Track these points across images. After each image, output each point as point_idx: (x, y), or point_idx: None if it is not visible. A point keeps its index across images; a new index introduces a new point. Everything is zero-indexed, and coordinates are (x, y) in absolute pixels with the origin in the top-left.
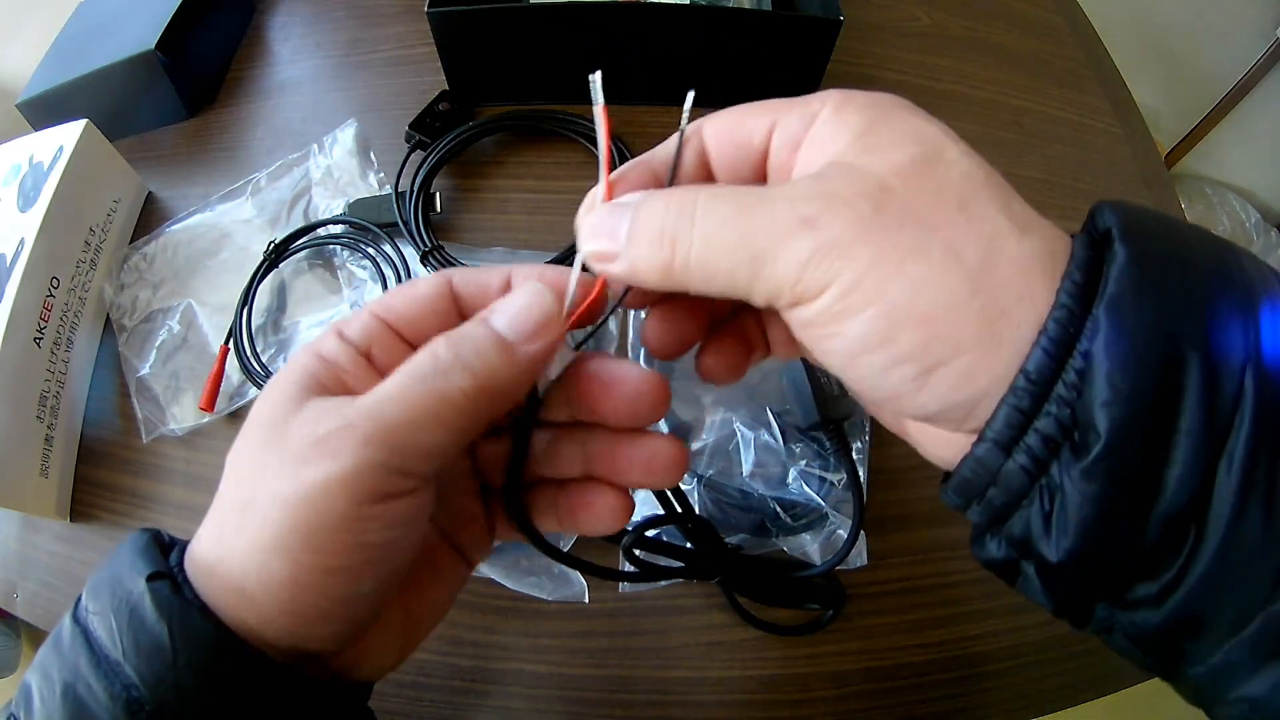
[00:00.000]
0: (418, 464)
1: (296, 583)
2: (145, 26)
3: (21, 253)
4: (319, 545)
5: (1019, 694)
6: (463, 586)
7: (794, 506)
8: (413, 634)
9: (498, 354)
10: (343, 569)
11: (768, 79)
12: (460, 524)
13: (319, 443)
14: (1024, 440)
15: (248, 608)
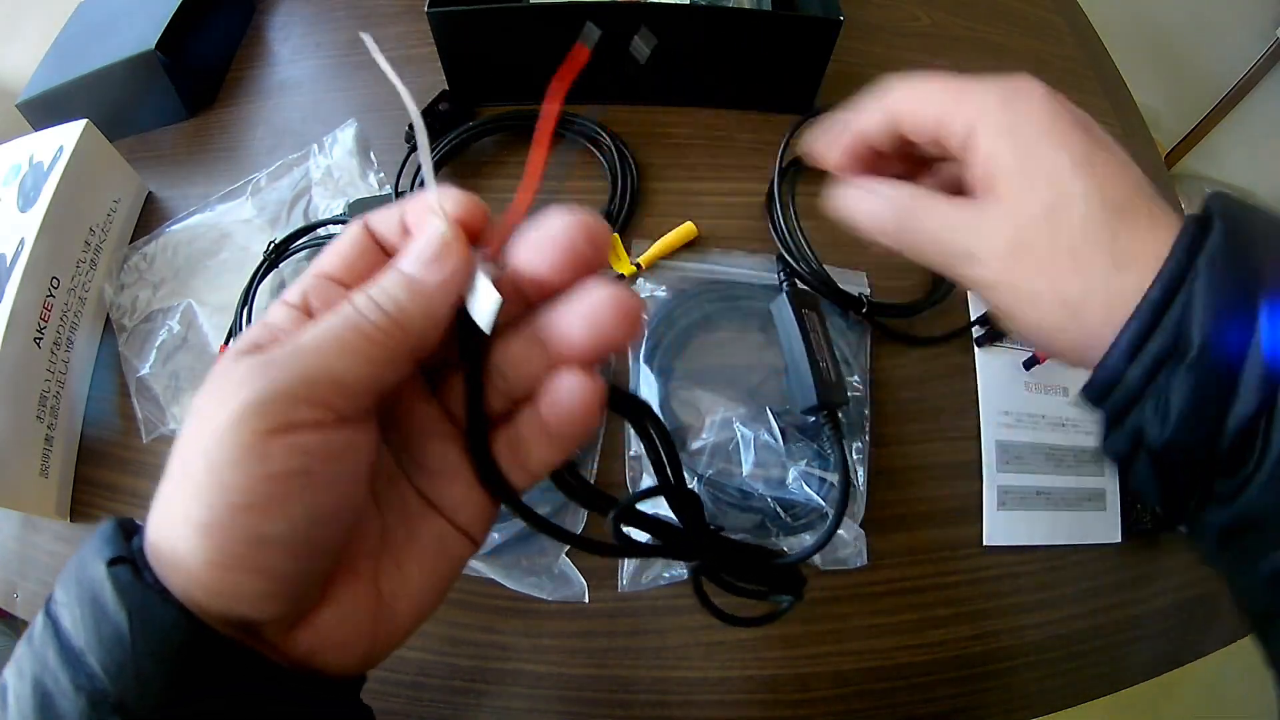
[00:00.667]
0: (330, 394)
1: (210, 526)
2: (145, 26)
3: (21, 253)
4: (226, 481)
5: (1019, 694)
6: (456, 569)
7: (794, 506)
8: (390, 622)
9: (402, 288)
10: (249, 505)
11: (768, 79)
12: (442, 482)
13: (240, 380)
14: (1142, 351)
15: (186, 578)
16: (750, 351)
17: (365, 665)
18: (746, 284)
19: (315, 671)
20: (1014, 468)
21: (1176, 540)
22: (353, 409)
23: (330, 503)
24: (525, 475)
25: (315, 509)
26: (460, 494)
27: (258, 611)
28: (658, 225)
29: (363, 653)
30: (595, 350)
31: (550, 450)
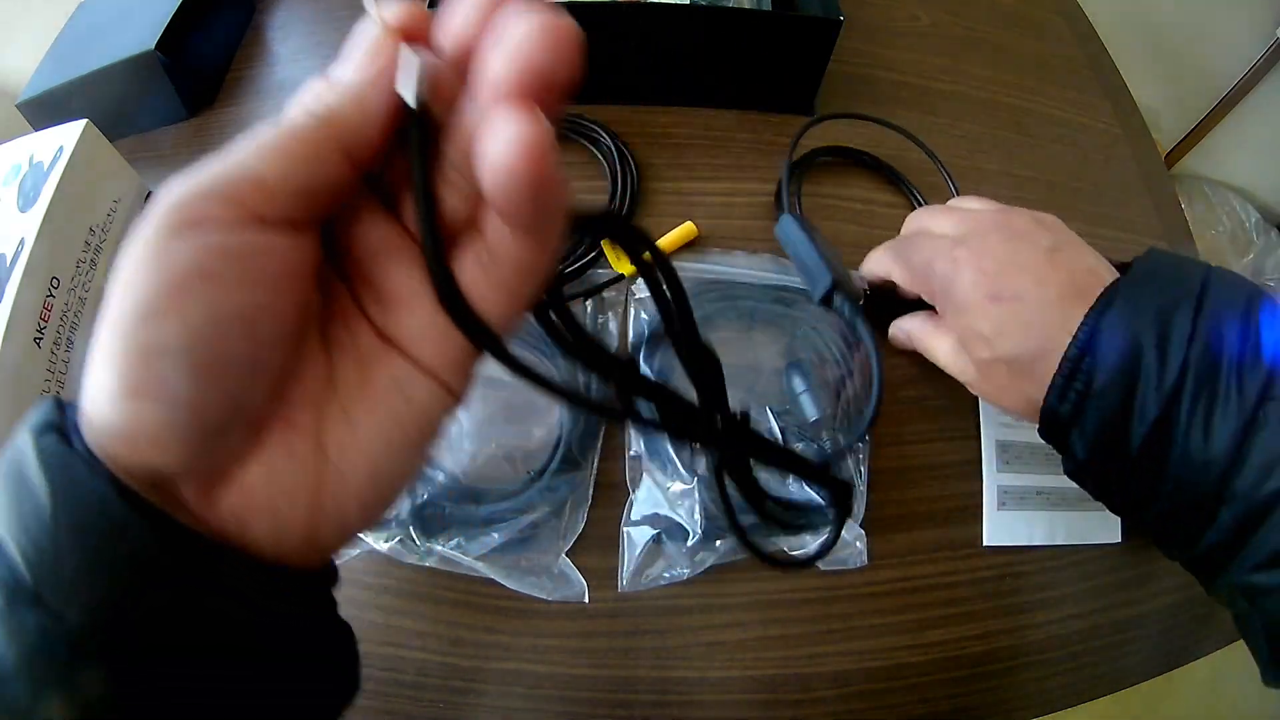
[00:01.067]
0: (247, 191)
1: (113, 349)
2: (145, 26)
3: (21, 253)
4: (130, 293)
5: (1019, 694)
6: (424, 422)
7: (794, 506)
8: (339, 484)
9: (329, 88)
10: (148, 313)
11: (768, 79)
12: (402, 311)
13: (156, 200)
14: (1067, 392)
15: (101, 429)
16: (750, 351)
17: (311, 546)
18: (746, 284)
19: (253, 554)
20: (1014, 468)
21: None
22: (273, 210)
23: (234, 305)
24: (502, 296)
25: (216, 310)
26: (423, 323)
27: (163, 453)
28: (658, 225)
29: (303, 524)
30: (521, 81)
31: (522, 248)
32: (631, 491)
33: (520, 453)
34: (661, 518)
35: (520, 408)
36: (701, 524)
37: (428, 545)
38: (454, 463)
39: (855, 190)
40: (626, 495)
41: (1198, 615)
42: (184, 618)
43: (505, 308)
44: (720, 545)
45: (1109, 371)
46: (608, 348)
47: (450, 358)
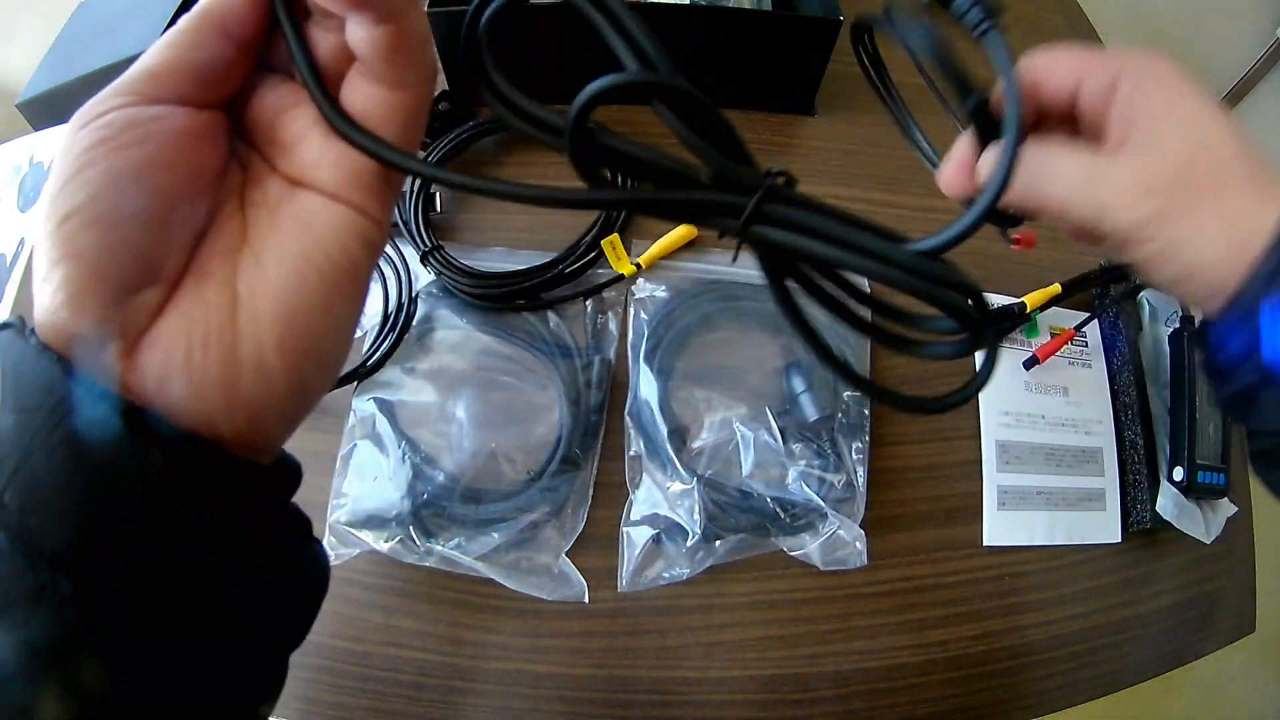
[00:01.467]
0: (140, 84)
1: (42, 236)
2: (145, 26)
3: (21, 253)
4: (53, 188)
5: (1018, 694)
6: (336, 247)
7: (794, 506)
8: (252, 325)
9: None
10: (59, 189)
11: (768, 79)
12: (299, 149)
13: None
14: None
15: (44, 312)
16: (750, 351)
17: (233, 404)
18: (746, 284)
19: (183, 423)
20: (1014, 468)
21: (1176, 540)
22: (164, 92)
23: (130, 164)
24: (383, 101)
25: (112, 170)
26: (317, 150)
27: (80, 314)
28: (658, 225)
29: (219, 373)
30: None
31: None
32: (631, 491)
33: (520, 453)
34: (661, 518)
35: (520, 408)
36: (701, 524)
37: (428, 545)
38: (454, 463)
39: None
40: (626, 495)
41: (1198, 615)
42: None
43: (397, 125)
44: (720, 545)
45: None
46: (547, 111)
47: (350, 175)
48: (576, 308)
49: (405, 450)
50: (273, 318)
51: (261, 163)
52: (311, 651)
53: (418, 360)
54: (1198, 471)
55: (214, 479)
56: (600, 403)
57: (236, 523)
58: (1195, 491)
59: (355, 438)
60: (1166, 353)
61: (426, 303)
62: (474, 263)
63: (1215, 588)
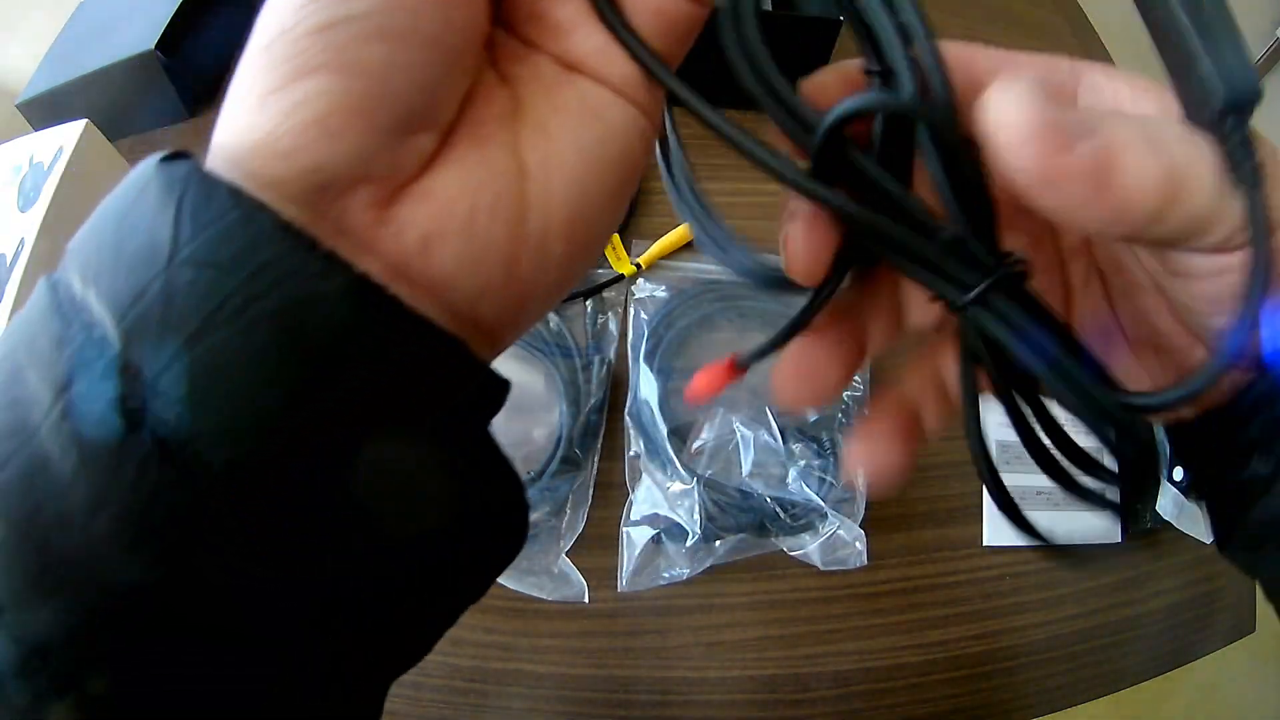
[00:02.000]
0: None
1: (263, 39)
2: (145, 26)
3: (21, 253)
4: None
5: (1018, 694)
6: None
7: (793, 506)
8: (544, 198)
9: None
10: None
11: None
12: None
13: None
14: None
15: (243, 145)
16: None
17: (510, 285)
18: (746, 284)
19: (434, 290)
20: (1014, 468)
21: (1176, 540)
22: None
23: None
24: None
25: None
26: (600, 43)
27: (341, 140)
28: (658, 225)
29: (504, 245)
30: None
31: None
32: (631, 491)
33: (520, 453)
34: (661, 518)
35: (520, 408)
36: (701, 524)
37: None
38: None
39: None
40: (626, 495)
41: (1198, 615)
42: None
43: (675, 40)
44: (720, 545)
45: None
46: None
47: (635, 73)
48: (576, 308)
49: None
50: (565, 199)
51: (515, 39)
52: None
53: None
54: None
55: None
56: (600, 403)
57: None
58: (1195, 491)
59: None
60: None
61: None
62: None
63: (1215, 588)
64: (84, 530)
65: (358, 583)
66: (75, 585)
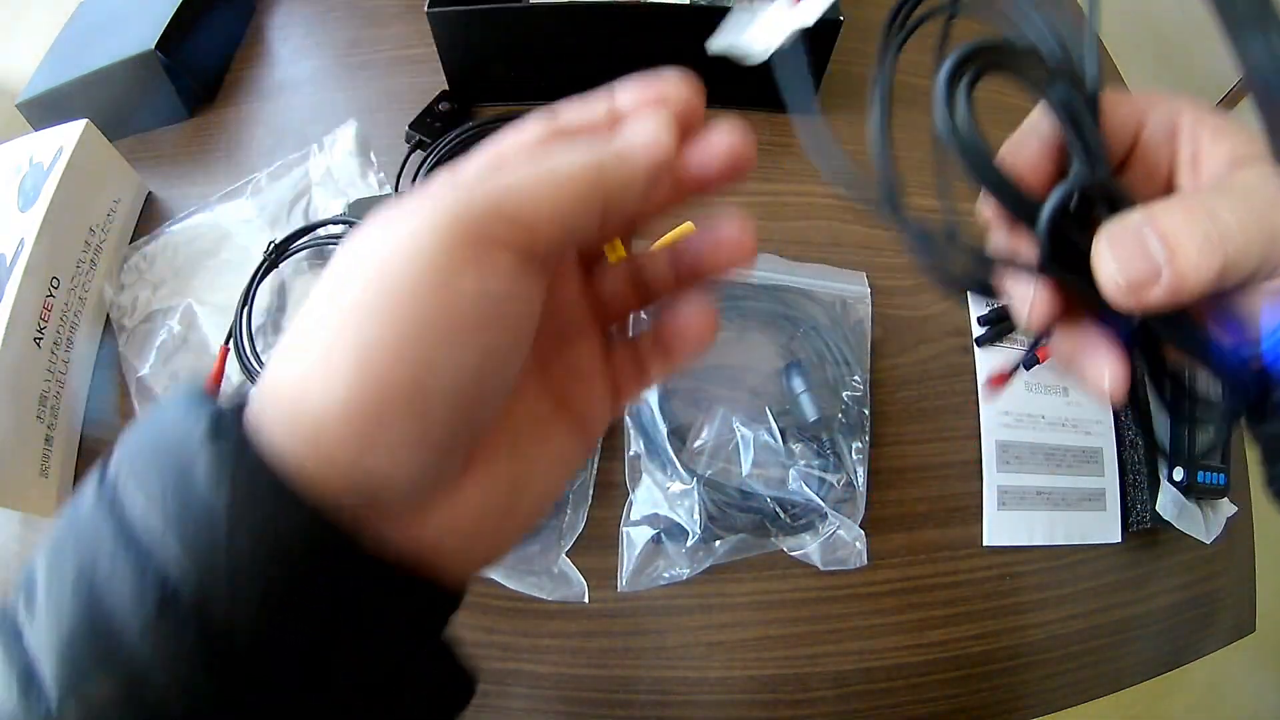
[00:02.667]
0: (517, 231)
1: (367, 362)
2: (145, 26)
3: (21, 253)
4: (395, 305)
5: (1018, 694)
6: (572, 471)
7: (793, 506)
8: (515, 516)
9: (615, 156)
10: (422, 334)
11: (768, 79)
12: (580, 386)
13: (420, 199)
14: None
15: (306, 443)
16: (750, 351)
17: (480, 565)
18: (746, 284)
19: (432, 572)
20: (1014, 468)
21: (1176, 540)
22: (543, 245)
23: (505, 346)
24: (638, 387)
25: (492, 349)
26: (594, 393)
27: (403, 477)
28: (658, 225)
29: (485, 548)
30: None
31: (665, 366)
32: (631, 491)
33: None
34: (661, 518)
35: None
36: (701, 524)
37: None
38: None
39: None
40: (626, 495)
41: (1198, 615)
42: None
43: (638, 391)
44: (720, 545)
45: None
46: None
47: (603, 421)
48: None
49: None
50: (530, 508)
51: (532, 359)
52: None
53: None
54: (1198, 471)
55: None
56: None
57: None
58: (1195, 491)
59: None
60: None
61: None
62: None
63: (1215, 588)
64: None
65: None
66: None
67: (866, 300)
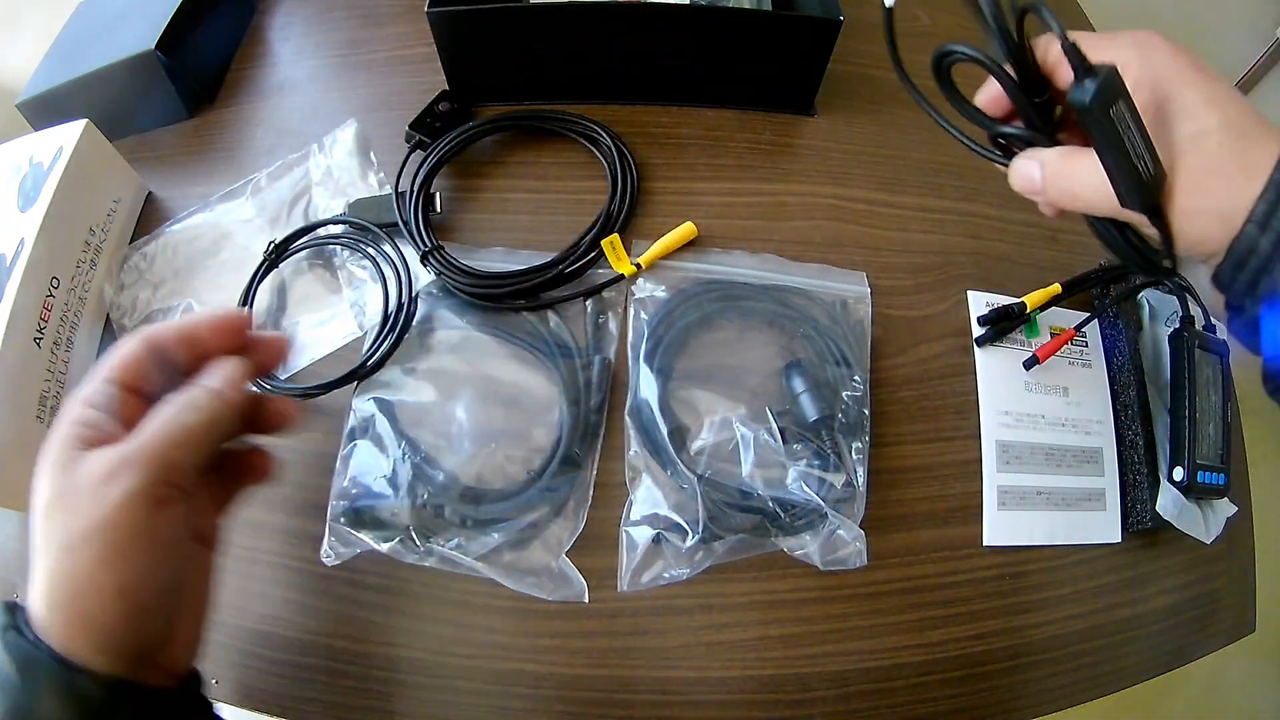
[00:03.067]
0: (179, 477)
1: (124, 587)
2: (145, 26)
3: (21, 253)
4: (130, 551)
5: (1018, 694)
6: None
7: (793, 506)
8: (202, 618)
9: (215, 400)
10: (152, 566)
11: (768, 79)
12: (206, 519)
13: (109, 475)
14: (1272, 220)
15: (86, 631)
16: (750, 351)
17: (195, 654)
18: (746, 284)
19: (177, 674)
20: (1014, 468)
21: (1176, 540)
22: (188, 484)
23: (190, 552)
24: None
25: (187, 559)
26: (215, 525)
27: (155, 639)
28: (658, 225)
29: (196, 647)
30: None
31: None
32: (631, 491)
33: (520, 453)
34: (661, 518)
35: (520, 408)
36: (701, 524)
37: (428, 545)
38: (454, 463)
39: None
40: (626, 495)
41: (1198, 615)
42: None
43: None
44: (719, 545)
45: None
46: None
47: (217, 537)
48: (576, 308)
49: (405, 450)
50: (206, 610)
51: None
52: (311, 651)
53: (418, 360)
54: (1198, 471)
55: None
56: (600, 403)
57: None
58: (1195, 491)
59: (355, 438)
60: (1166, 353)
61: (426, 303)
62: (474, 263)
63: (1215, 588)
64: None
65: None
66: None
67: (866, 300)
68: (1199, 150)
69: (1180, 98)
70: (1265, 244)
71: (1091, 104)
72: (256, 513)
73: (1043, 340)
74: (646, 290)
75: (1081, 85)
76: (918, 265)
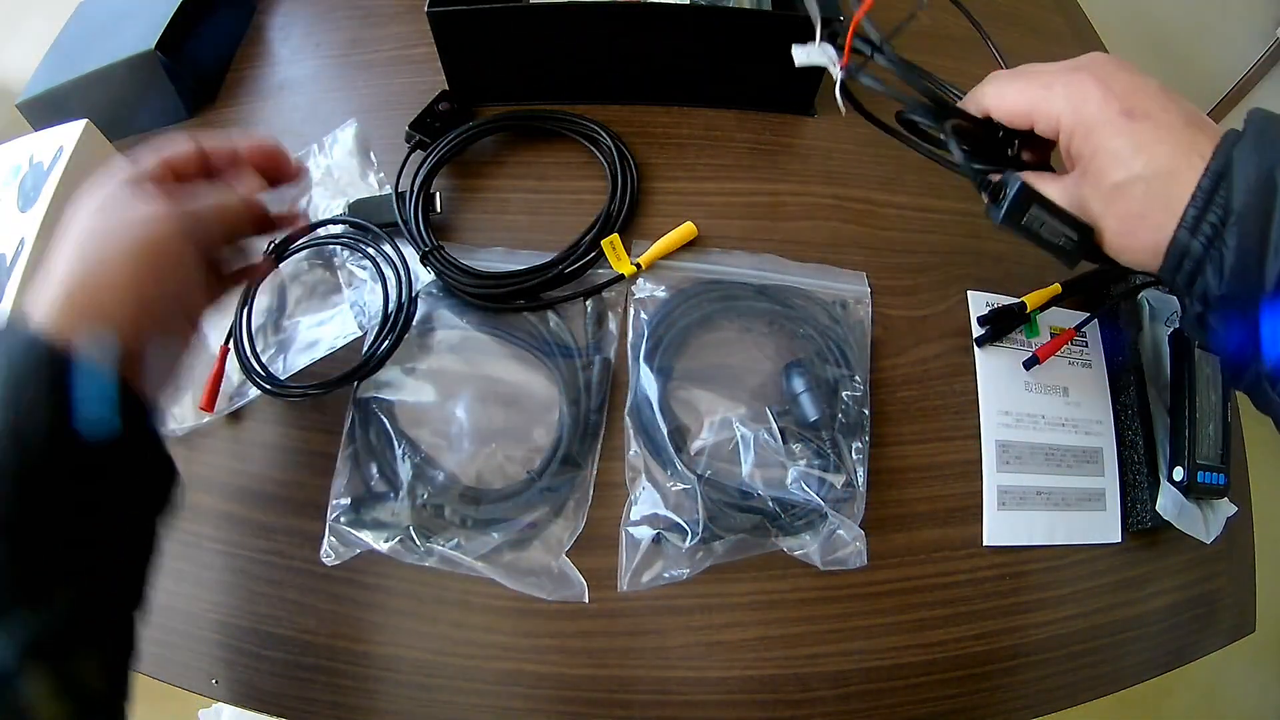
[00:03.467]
0: (204, 238)
1: (142, 283)
2: (145, 26)
3: (21, 253)
4: (155, 264)
5: (1019, 694)
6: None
7: (793, 506)
8: (172, 371)
9: (241, 202)
10: (169, 284)
11: (768, 79)
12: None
13: (159, 216)
14: (1201, 225)
15: (95, 316)
16: (750, 351)
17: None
18: (746, 284)
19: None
20: (1014, 468)
21: (1176, 540)
22: (208, 251)
23: (189, 301)
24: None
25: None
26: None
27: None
28: (658, 225)
29: (164, 384)
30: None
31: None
32: (631, 491)
33: (520, 453)
34: (661, 518)
35: (520, 408)
36: (701, 524)
37: (428, 545)
38: (454, 463)
39: None
40: (626, 495)
41: (1198, 615)
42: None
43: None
44: (719, 545)
45: (1247, 194)
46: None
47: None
48: (576, 308)
49: (405, 450)
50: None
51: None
52: (311, 651)
53: (418, 360)
54: (1198, 471)
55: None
56: (600, 403)
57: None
58: (1195, 491)
59: (355, 438)
60: (1166, 353)
61: (426, 303)
62: (474, 263)
63: (1215, 588)
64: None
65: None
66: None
67: (866, 300)
68: (1126, 198)
69: (1108, 147)
70: (1196, 246)
71: (1004, 221)
72: (257, 513)
73: (1043, 340)
74: (646, 290)
75: (994, 207)
76: (918, 265)
